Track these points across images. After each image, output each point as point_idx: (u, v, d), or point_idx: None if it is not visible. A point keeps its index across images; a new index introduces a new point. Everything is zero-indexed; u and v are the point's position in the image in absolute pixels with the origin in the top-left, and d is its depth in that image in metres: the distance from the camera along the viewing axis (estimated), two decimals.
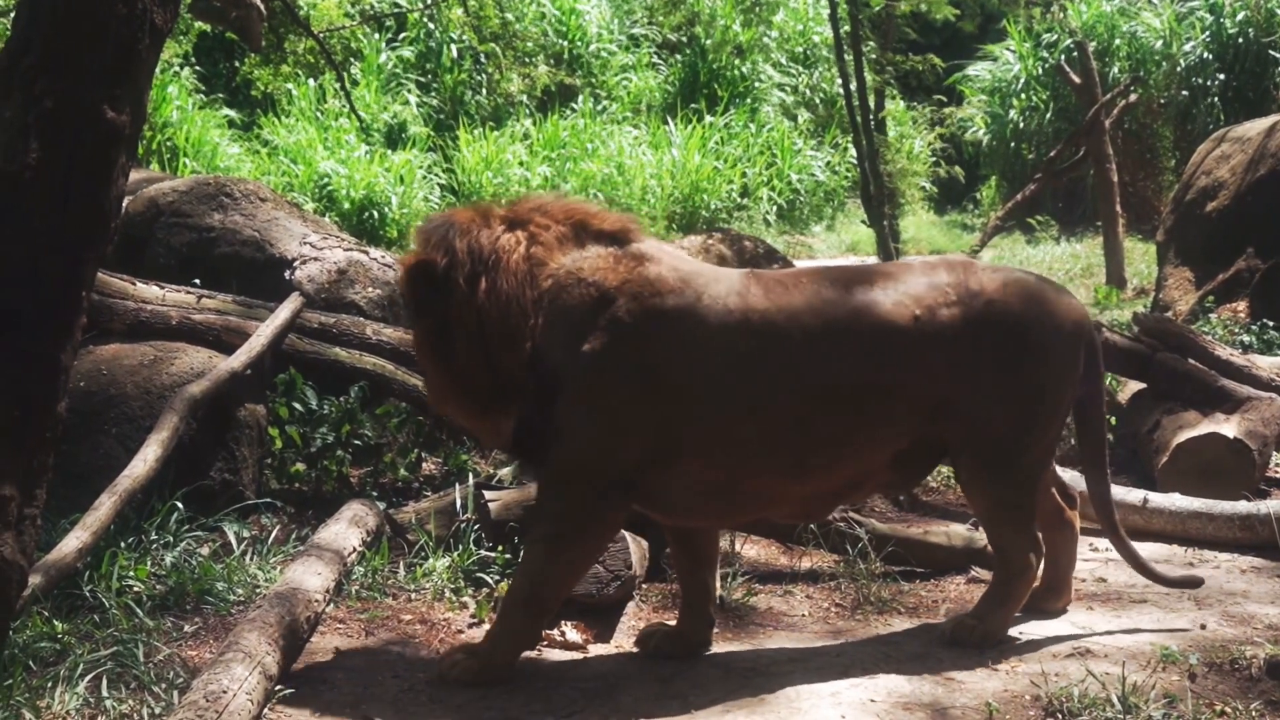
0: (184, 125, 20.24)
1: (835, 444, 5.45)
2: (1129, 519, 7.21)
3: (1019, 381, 5.58)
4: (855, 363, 5.42)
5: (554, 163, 21.74)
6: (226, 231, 9.15)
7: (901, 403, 5.49)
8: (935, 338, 5.48)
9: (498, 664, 5.34)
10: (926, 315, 5.49)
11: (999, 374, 5.54)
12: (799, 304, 5.41)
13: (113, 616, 5.67)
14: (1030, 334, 5.60)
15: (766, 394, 5.35)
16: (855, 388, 5.43)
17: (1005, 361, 5.55)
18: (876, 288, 5.54)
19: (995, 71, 24.33)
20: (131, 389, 7.08)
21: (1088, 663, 5.28)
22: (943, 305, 5.54)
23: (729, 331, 5.34)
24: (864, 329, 5.44)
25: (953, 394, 5.51)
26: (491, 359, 5.38)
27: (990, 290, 5.60)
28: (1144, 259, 17.24)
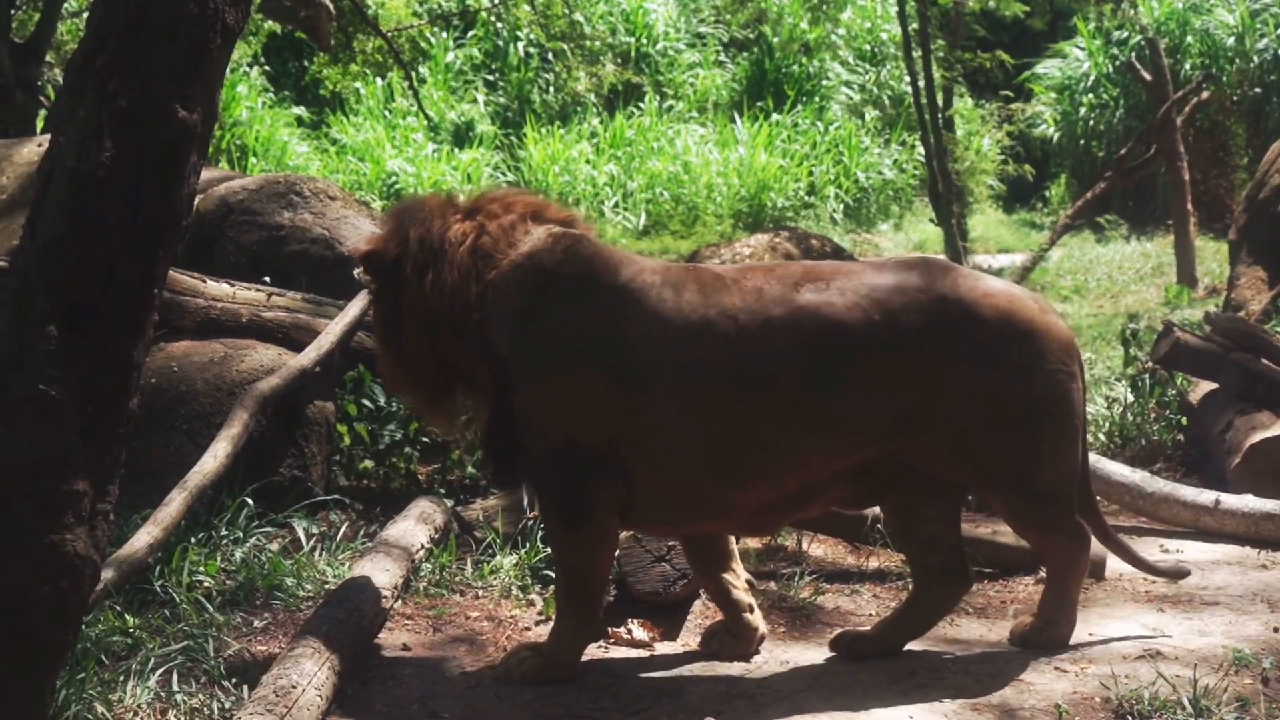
0: (253, 124, 20.38)
1: (774, 450, 5.22)
2: (1201, 520, 7.15)
3: (1004, 397, 5.26)
4: (791, 364, 5.18)
5: (620, 161, 21.74)
6: (296, 230, 9.19)
7: (851, 411, 5.20)
8: (894, 344, 5.20)
9: (561, 661, 5.35)
10: (884, 319, 5.21)
11: (978, 388, 5.24)
12: (735, 300, 5.23)
13: (183, 611, 5.72)
14: (1012, 346, 5.27)
15: (700, 391, 5.19)
16: (793, 391, 5.18)
17: (985, 375, 5.24)
18: (831, 287, 5.26)
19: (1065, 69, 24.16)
20: (202, 386, 7.13)
21: (1158, 665, 5.23)
22: (908, 310, 5.24)
23: (662, 321, 5.23)
24: (804, 329, 5.19)
25: (921, 407, 5.22)
26: (438, 349, 5.46)
27: (967, 297, 5.29)
28: (1215, 258, 17.07)
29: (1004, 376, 5.26)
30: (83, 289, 3.99)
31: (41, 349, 3.96)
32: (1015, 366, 5.28)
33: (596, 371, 5.23)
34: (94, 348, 4.03)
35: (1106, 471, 7.50)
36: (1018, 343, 5.29)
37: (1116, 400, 9.04)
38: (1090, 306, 15.18)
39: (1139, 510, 7.40)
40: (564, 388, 5.27)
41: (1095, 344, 11.92)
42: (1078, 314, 14.42)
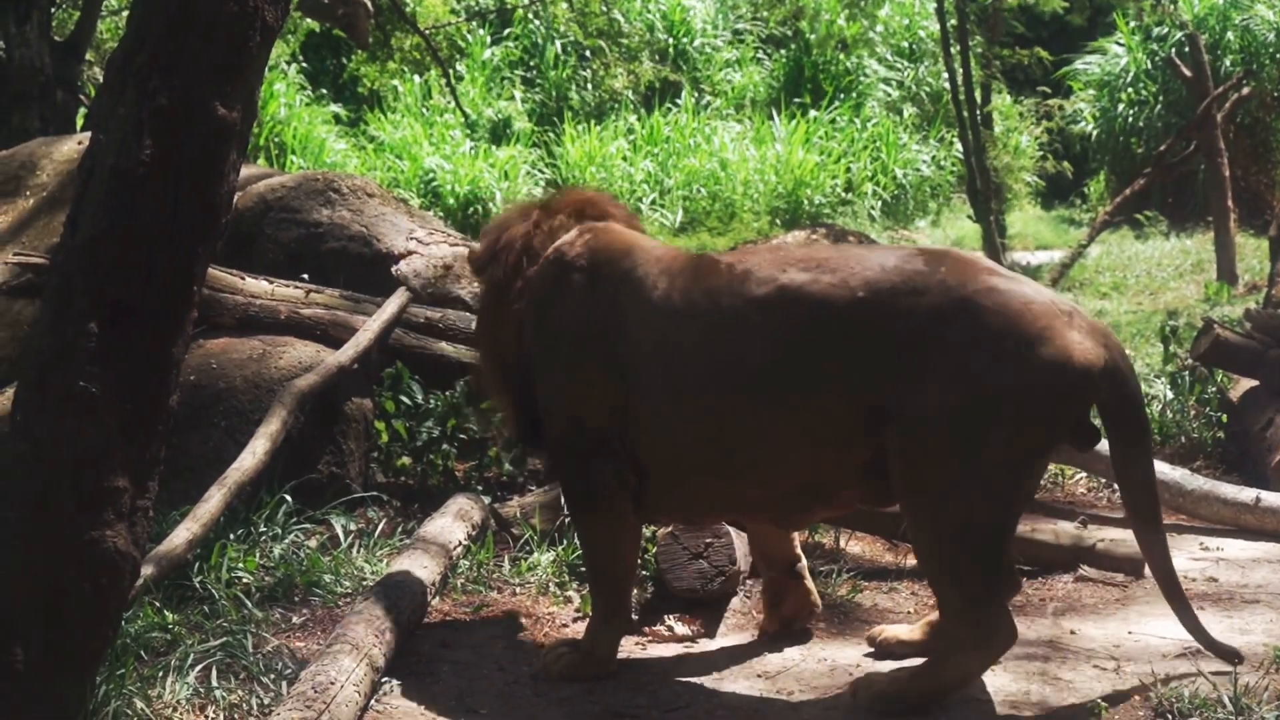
0: (291, 122, 20.44)
1: (756, 440, 5.07)
2: (1241, 518, 7.11)
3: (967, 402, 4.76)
4: (767, 347, 5.01)
5: (657, 158, 21.74)
6: (334, 227, 9.22)
7: (830, 398, 4.93)
8: (875, 327, 4.86)
9: (597, 656, 5.36)
10: (869, 299, 4.88)
11: (945, 385, 4.77)
12: (722, 283, 5.15)
13: (222, 608, 5.74)
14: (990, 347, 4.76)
15: (684, 377, 5.15)
16: (770, 376, 5.00)
17: (953, 372, 4.77)
18: (823, 267, 5.02)
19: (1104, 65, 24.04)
20: (240, 383, 7.16)
21: (1199, 663, 5.20)
22: (898, 293, 4.88)
23: (653, 307, 5.25)
24: (783, 310, 5.00)
25: (901, 397, 4.84)
26: (495, 344, 5.73)
27: (960, 289, 4.85)
28: (1256, 254, 16.97)
29: (994, 387, 4.75)
30: (123, 286, 4.02)
31: (82, 346, 3.99)
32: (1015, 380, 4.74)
33: (597, 358, 5.32)
34: (134, 345, 4.06)
35: None
36: (1023, 356, 4.74)
37: (1156, 397, 8.99)
38: (1129, 303, 15.11)
39: (1179, 508, 7.36)
40: (569, 373, 5.41)
41: (1134, 341, 11.87)
42: (1116, 311, 14.36)
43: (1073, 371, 4.73)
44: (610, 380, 5.28)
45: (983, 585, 4.83)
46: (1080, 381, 4.76)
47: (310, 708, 4.53)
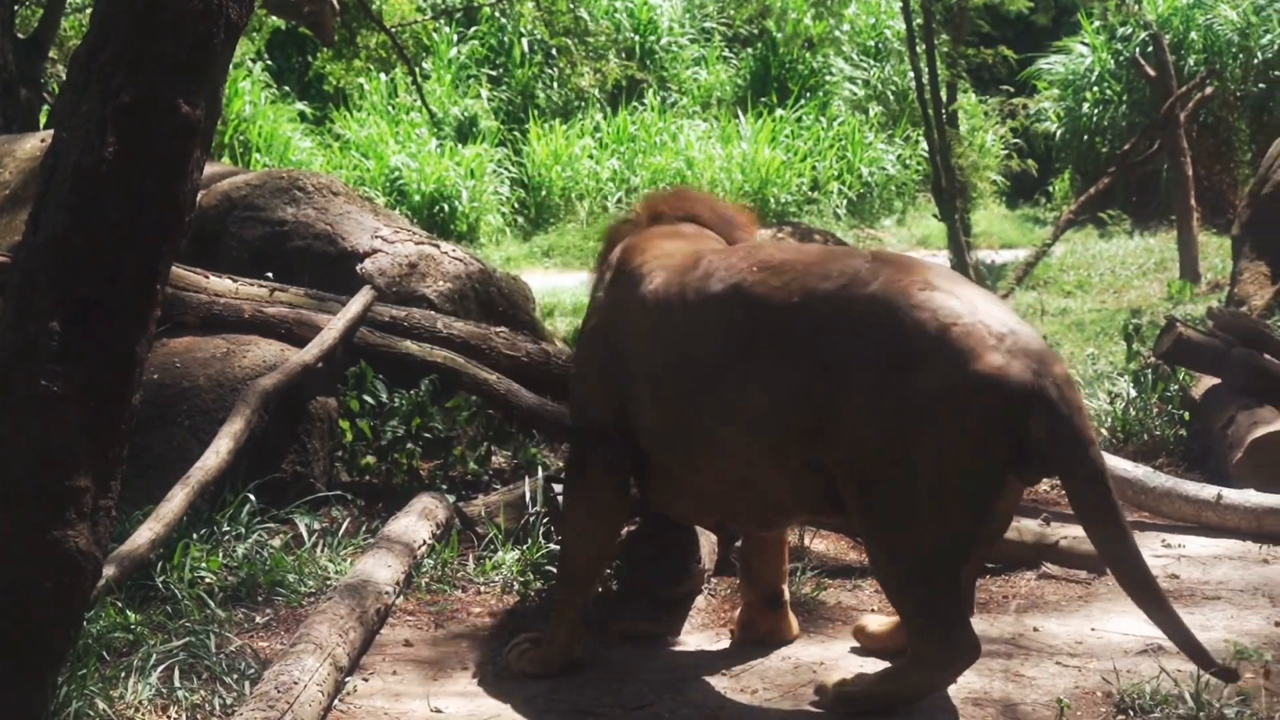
0: (256, 120, 20.39)
1: (709, 440, 5.06)
2: (1203, 515, 7.15)
3: (892, 421, 4.64)
4: (715, 347, 5.00)
5: (623, 157, 21.75)
6: (299, 225, 9.20)
7: (763, 403, 4.86)
8: (807, 333, 4.81)
9: (556, 648, 5.38)
10: (803, 304, 4.83)
11: (878, 405, 4.66)
12: (692, 280, 5.17)
13: (185, 607, 5.73)
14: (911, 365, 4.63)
15: (655, 374, 5.22)
16: (716, 375, 4.98)
17: (878, 389, 4.65)
18: (773, 265, 4.99)
19: (1069, 65, 24.12)
20: (204, 381, 7.14)
21: (1160, 660, 5.23)
22: (829, 299, 4.80)
23: (641, 303, 5.32)
24: (731, 310, 4.99)
25: (831, 410, 4.74)
26: None
27: (898, 298, 4.70)
28: (1219, 253, 17.05)
29: (913, 406, 4.61)
30: (86, 284, 4.00)
31: (44, 345, 3.97)
32: (931, 401, 4.60)
33: (602, 351, 5.47)
34: (97, 343, 4.04)
35: (1109, 466, 7.49)
36: (940, 377, 4.59)
37: (1119, 395, 9.03)
38: (1093, 302, 15.17)
39: (1141, 505, 7.40)
40: (584, 364, 5.64)
41: (1098, 339, 11.92)
42: (1080, 309, 14.42)
43: (993, 394, 4.54)
44: (610, 372, 5.38)
45: (936, 606, 4.73)
46: (1001, 403, 4.55)
47: (273, 708, 4.52)
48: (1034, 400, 4.56)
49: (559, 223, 20.64)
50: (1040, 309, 14.29)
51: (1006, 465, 4.67)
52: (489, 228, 19.99)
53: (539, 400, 7.80)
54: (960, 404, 4.56)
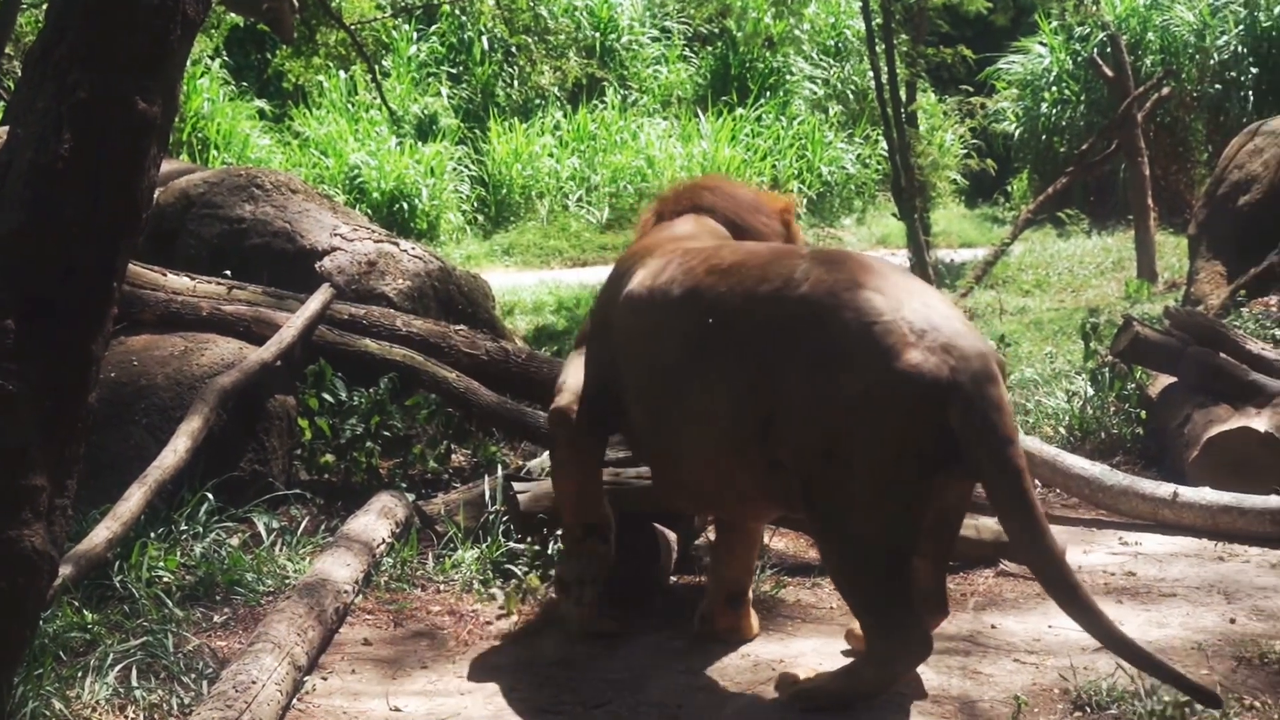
0: (215, 117, 20.30)
1: (674, 437, 5.21)
2: (1159, 513, 7.18)
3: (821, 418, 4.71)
4: (674, 347, 5.17)
5: (584, 155, 21.74)
6: (257, 223, 9.18)
7: (716, 403, 4.98)
8: (751, 335, 4.91)
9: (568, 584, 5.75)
10: (746, 307, 4.95)
11: (814, 405, 4.73)
12: (662, 279, 5.33)
13: (142, 607, 5.70)
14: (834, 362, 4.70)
15: (629, 371, 5.43)
16: (675, 375, 5.14)
17: (807, 387, 4.73)
18: (724, 267, 5.12)
19: (1027, 65, 24.23)
20: (162, 380, 7.11)
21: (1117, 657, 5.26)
22: (768, 301, 4.90)
23: (625, 300, 5.49)
24: (687, 311, 5.14)
25: (775, 410, 4.83)
26: None
27: (824, 300, 4.78)
28: (1175, 252, 17.15)
29: (840, 404, 4.67)
30: (41, 282, 3.98)
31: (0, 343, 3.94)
32: (854, 399, 4.65)
33: (597, 343, 5.69)
34: (53, 341, 4.01)
35: (1066, 465, 7.54)
36: (857, 373, 4.65)
37: (1077, 394, 9.07)
38: (1051, 301, 15.23)
39: (1099, 503, 7.43)
40: (587, 353, 5.82)
41: (1056, 338, 11.97)
42: (1039, 308, 14.47)
43: (910, 390, 4.58)
44: (603, 363, 5.58)
45: (883, 602, 4.78)
46: (918, 400, 4.60)
47: (231, 707, 4.51)
48: (950, 396, 4.59)
49: (519, 221, 20.62)
50: (999, 308, 14.33)
51: (936, 461, 4.68)
52: (449, 226, 19.96)
53: (498, 398, 7.80)
54: (881, 401, 4.61)
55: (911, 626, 4.78)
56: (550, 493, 6.34)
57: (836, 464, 4.69)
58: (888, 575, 4.75)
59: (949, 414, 4.60)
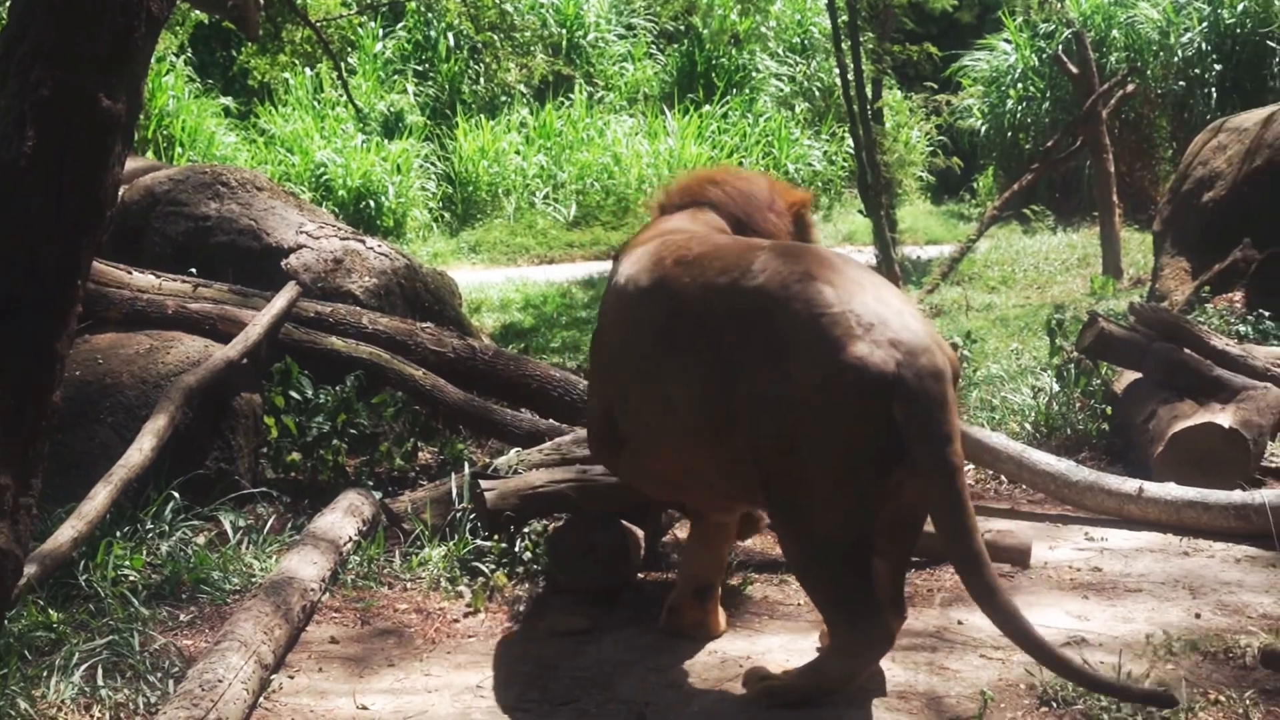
0: (180, 114, 20.24)
1: (643, 427, 5.27)
2: (1125, 509, 7.21)
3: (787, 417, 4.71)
4: (643, 339, 5.25)
5: (550, 152, 21.74)
6: (223, 220, 9.15)
7: (679, 392, 5.02)
8: (709, 327, 4.96)
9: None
10: (705, 299, 5.00)
11: (766, 396, 4.75)
12: (636, 271, 5.40)
13: (108, 606, 5.68)
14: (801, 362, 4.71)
15: (604, 361, 5.58)
16: (643, 366, 5.22)
17: (758, 378, 4.77)
18: (690, 259, 5.17)
19: (992, 62, 24.31)
20: (127, 378, 7.08)
21: (1083, 651, 5.27)
22: (725, 294, 4.94)
23: (611, 291, 5.59)
24: (653, 303, 5.22)
25: (734, 399, 4.85)
26: None
27: (776, 293, 4.82)
28: (1140, 249, 17.23)
29: (789, 395, 4.69)
30: (5, 280, 3.96)
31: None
32: (802, 390, 4.67)
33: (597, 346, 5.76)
34: (16, 340, 3.99)
35: (1032, 461, 7.56)
36: (808, 366, 4.68)
37: (1042, 390, 9.10)
38: (1017, 297, 15.28)
39: (1064, 499, 7.46)
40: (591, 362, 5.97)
41: (1022, 334, 12.01)
42: (1005, 304, 14.53)
43: (854, 382, 4.60)
44: (602, 364, 5.64)
45: (843, 595, 4.80)
46: (862, 392, 4.61)
47: (197, 706, 4.49)
48: (894, 389, 4.60)
49: (486, 218, 20.61)
50: (965, 304, 14.38)
51: (890, 456, 4.68)
52: (415, 223, 19.93)
53: (465, 396, 7.80)
54: (827, 392, 4.64)
55: (874, 620, 4.79)
56: (517, 489, 6.35)
57: (791, 457, 4.71)
58: (848, 570, 4.78)
59: (894, 407, 4.60)
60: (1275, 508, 6.79)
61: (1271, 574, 6.37)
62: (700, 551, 5.69)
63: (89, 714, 4.82)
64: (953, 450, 4.65)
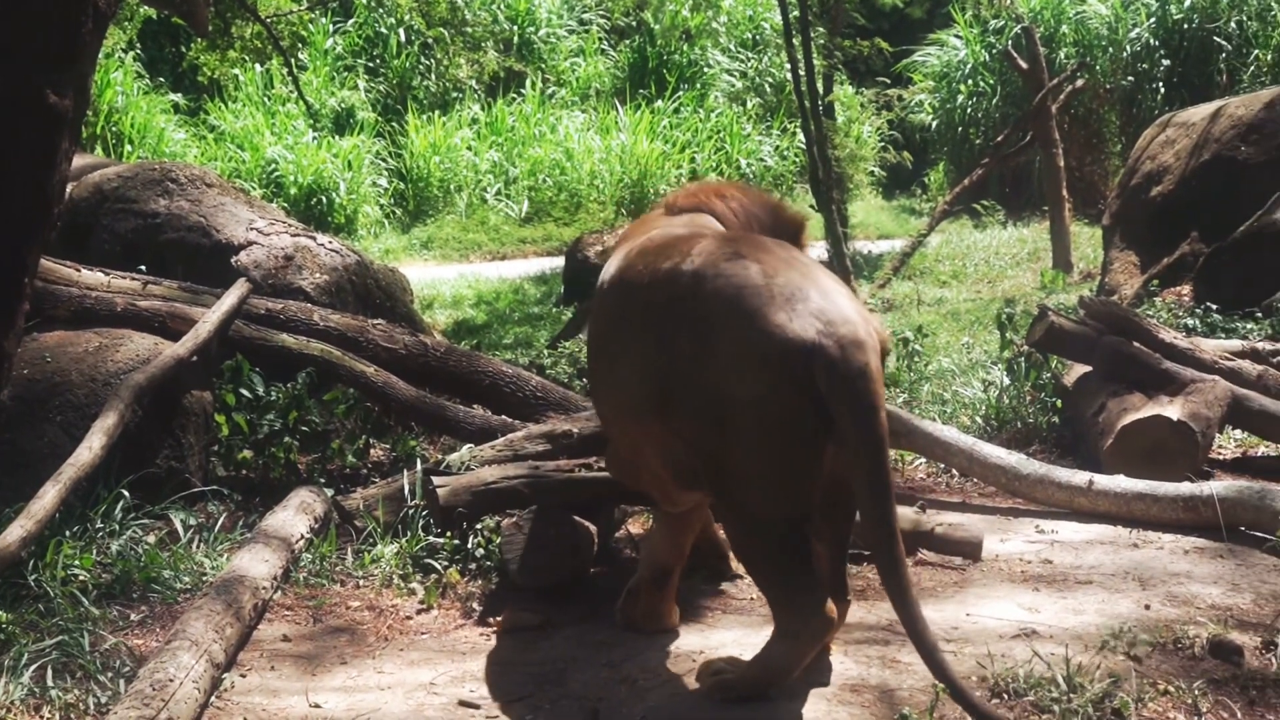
0: (129, 111, 20.14)
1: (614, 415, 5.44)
2: (1075, 501, 7.25)
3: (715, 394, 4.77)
4: (606, 327, 5.40)
5: (502, 148, 21.72)
6: (172, 217, 9.10)
7: (630, 378, 5.10)
8: (651, 313, 5.02)
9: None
10: (649, 286, 5.07)
11: (697, 377, 4.81)
12: (612, 264, 5.51)
13: (58, 606, 5.65)
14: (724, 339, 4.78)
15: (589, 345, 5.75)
16: (605, 353, 5.36)
17: (703, 363, 4.80)
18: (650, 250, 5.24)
19: (942, 57, 24.41)
20: (76, 376, 7.03)
21: (1034, 644, 5.30)
22: (663, 281, 5.02)
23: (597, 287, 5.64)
24: (616, 292, 5.33)
25: (672, 377, 4.90)
26: None
27: (702, 273, 4.90)
28: (1090, 243, 17.34)
29: (715, 369, 4.76)
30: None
31: None
32: (729, 365, 4.73)
33: None
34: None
35: (983, 454, 7.59)
36: (733, 340, 4.74)
37: (993, 384, 9.15)
38: (968, 291, 15.35)
39: (1015, 492, 7.49)
40: None
41: (973, 328, 12.06)
42: (956, 299, 14.59)
43: (773, 351, 4.66)
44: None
45: (780, 575, 4.84)
46: (782, 361, 4.65)
47: (148, 705, 4.47)
48: (814, 357, 4.63)
49: (438, 214, 20.57)
50: (917, 299, 14.43)
51: (816, 428, 4.71)
52: (367, 220, 19.89)
53: (417, 393, 7.78)
54: (748, 363, 4.69)
55: (813, 601, 4.81)
56: (469, 486, 6.35)
57: (721, 432, 4.76)
58: (784, 549, 4.81)
59: (815, 376, 4.63)
60: (1223, 499, 6.83)
61: (1220, 565, 6.42)
62: (661, 540, 5.69)
63: (39, 715, 4.79)
64: (878, 420, 4.67)
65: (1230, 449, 8.63)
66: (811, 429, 4.69)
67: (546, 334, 12.76)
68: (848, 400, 4.63)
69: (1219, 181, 12.00)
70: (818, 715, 4.80)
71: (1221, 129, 12.27)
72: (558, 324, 13.21)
